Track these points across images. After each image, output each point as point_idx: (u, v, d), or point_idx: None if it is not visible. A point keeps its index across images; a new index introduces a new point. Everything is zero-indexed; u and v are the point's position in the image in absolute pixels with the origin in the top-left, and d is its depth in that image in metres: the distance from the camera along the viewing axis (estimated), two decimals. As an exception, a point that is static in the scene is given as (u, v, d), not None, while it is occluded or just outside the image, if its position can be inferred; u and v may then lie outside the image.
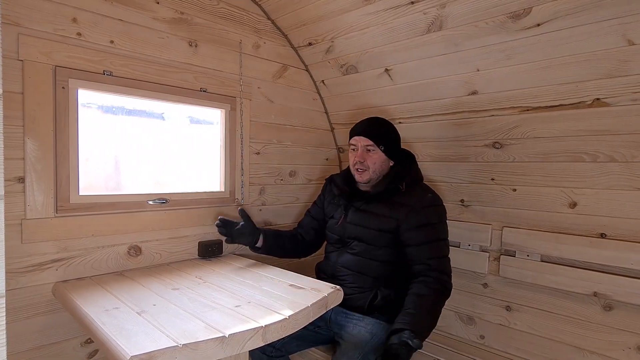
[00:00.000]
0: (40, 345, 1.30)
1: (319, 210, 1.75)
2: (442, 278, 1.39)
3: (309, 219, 1.77)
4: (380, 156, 1.49)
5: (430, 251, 1.41)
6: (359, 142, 1.51)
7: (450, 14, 1.45)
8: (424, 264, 1.40)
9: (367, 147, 1.49)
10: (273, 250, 1.69)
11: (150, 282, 1.35)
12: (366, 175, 1.51)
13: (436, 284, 1.37)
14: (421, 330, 1.28)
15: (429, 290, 1.36)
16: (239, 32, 1.81)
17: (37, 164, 1.27)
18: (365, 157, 1.49)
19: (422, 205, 1.43)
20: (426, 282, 1.38)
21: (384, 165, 1.52)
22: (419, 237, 1.41)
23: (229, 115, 1.79)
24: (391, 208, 1.46)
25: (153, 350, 0.83)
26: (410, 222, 1.42)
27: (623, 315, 1.40)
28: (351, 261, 1.52)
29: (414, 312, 1.31)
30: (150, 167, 1.64)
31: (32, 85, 1.25)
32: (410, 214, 1.42)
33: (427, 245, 1.41)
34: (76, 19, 1.34)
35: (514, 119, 1.56)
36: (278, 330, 1.02)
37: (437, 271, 1.39)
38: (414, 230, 1.42)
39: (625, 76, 1.25)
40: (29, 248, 1.27)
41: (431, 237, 1.42)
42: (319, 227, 1.74)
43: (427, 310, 1.33)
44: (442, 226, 1.47)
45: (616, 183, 1.39)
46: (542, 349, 1.59)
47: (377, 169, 1.50)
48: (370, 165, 1.49)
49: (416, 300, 1.34)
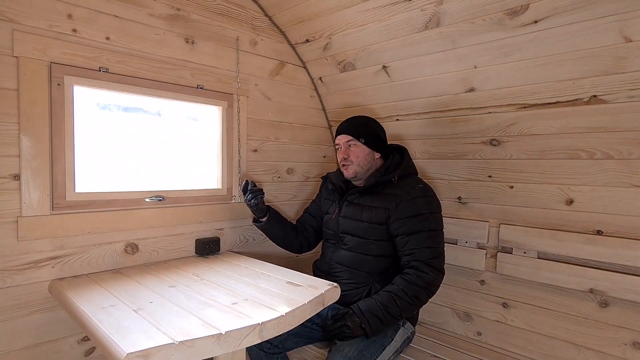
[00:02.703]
0: (37, 342, 1.30)
1: (317, 208, 1.78)
2: (423, 270, 1.37)
3: (307, 216, 1.80)
4: (362, 149, 1.52)
5: (417, 242, 1.40)
6: (341, 140, 1.56)
7: (447, 11, 1.44)
8: (409, 254, 1.41)
9: (348, 142, 1.53)
10: (274, 231, 1.72)
11: (147, 279, 1.34)
12: (352, 169, 1.53)
13: (413, 275, 1.37)
14: (374, 314, 1.32)
15: (403, 281, 1.37)
16: (236, 29, 1.80)
17: (33, 161, 1.26)
18: (348, 152, 1.53)
19: (411, 196, 1.43)
20: (406, 274, 1.39)
21: (369, 158, 1.53)
22: (407, 227, 1.41)
23: (226, 113, 1.79)
24: (382, 200, 1.47)
25: (149, 348, 0.83)
26: (399, 213, 1.43)
27: (619, 312, 1.41)
28: (345, 257, 1.53)
29: (374, 298, 1.36)
30: (147, 165, 1.64)
31: (28, 82, 1.24)
32: (399, 205, 1.43)
33: (414, 236, 1.41)
34: (71, 15, 1.33)
35: (511, 116, 1.56)
36: (275, 328, 1.02)
37: (420, 262, 1.38)
38: (402, 220, 1.42)
39: (622, 73, 1.25)
40: (25, 246, 1.27)
41: (419, 227, 1.41)
42: (316, 225, 1.77)
43: (390, 298, 1.34)
44: (432, 217, 1.45)
45: (613, 180, 1.39)
46: (538, 345, 1.60)
47: (362, 162, 1.52)
48: (354, 159, 1.52)
49: (387, 288, 1.38)
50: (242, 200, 1.85)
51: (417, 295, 1.36)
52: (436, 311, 1.89)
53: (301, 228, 1.78)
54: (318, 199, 1.79)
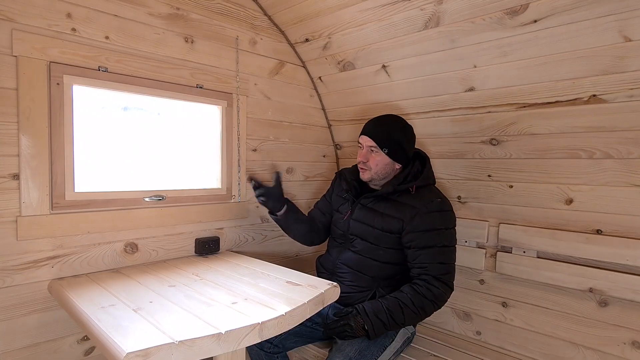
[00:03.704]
0: (36, 342, 1.30)
1: (327, 204, 1.73)
2: (433, 283, 1.36)
3: (317, 212, 1.75)
4: (383, 159, 1.46)
5: (430, 256, 1.38)
6: (364, 141, 1.49)
7: (447, 10, 1.44)
8: (420, 267, 1.39)
9: (371, 147, 1.47)
10: (289, 226, 1.65)
11: (146, 279, 1.34)
12: (367, 175, 1.49)
13: (423, 287, 1.36)
14: (379, 317, 1.31)
15: (412, 290, 1.36)
16: (236, 28, 1.80)
17: (32, 160, 1.26)
18: (368, 157, 1.47)
19: (428, 210, 1.40)
20: (416, 284, 1.37)
21: (388, 168, 1.48)
22: (420, 241, 1.39)
23: (225, 112, 1.79)
24: (397, 209, 1.44)
25: (149, 347, 0.83)
26: (414, 225, 1.40)
27: (618, 311, 1.41)
28: (352, 259, 1.52)
29: (380, 302, 1.35)
30: (147, 164, 1.64)
31: (27, 82, 1.24)
32: (415, 217, 1.40)
33: (427, 250, 1.38)
34: (70, 14, 1.32)
35: (510, 115, 1.56)
36: (275, 327, 1.02)
37: (431, 276, 1.37)
38: (416, 233, 1.39)
39: (621, 73, 1.25)
40: (25, 245, 1.26)
41: (433, 242, 1.39)
42: (326, 221, 1.72)
43: (397, 304, 1.33)
44: (447, 232, 1.42)
45: (612, 179, 1.39)
46: (538, 344, 1.60)
47: (380, 171, 1.48)
48: (373, 166, 1.47)
49: (395, 294, 1.37)
50: (241, 200, 1.86)
51: (423, 306, 1.35)
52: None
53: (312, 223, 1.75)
54: (329, 195, 1.74)
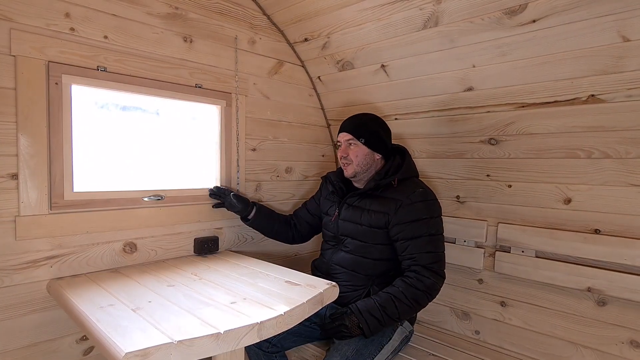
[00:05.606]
0: (35, 342, 1.30)
1: (316, 206, 1.77)
2: (423, 274, 1.37)
3: (304, 211, 1.81)
4: (362, 149, 1.50)
5: (417, 246, 1.39)
6: (342, 138, 1.55)
7: (446, 10, 1.44)
8: (409, 258, 1.40)
9: (349, 141, 1.52)
10: (262, 228, 1.78)
11: (145, 278, 1.34)
12: (351, 169, 1.52)
13: (414, 278, 1.37)
14: (372, 314, 1.32)
15: (403, 283, 1.37)
16: (235, 28, 1.79)
17: (31, 160, 1.26)
18: (347, 151, 1.52)
19: (411, 201, 1.42)
20: (407, 277, 1.38)
21: (368, 158, 1.51)
22: (407, 232, 1.40)
23: (224, 112, 1.78)
24: (382, 204, 1.46)
25: (148, 347, 0.83)
26: (399, 217, 1.41)
27: (616, 311, 1.41)
28: (345, 259, 1.53)
29: (372, 299, 1.36)
30: (146, 164, 1.64)
31: (25, 81, 1.24)
32: (399, 209, 1.42)
33: (414, 240, 1.40)
34: (69, 13, 1.32)
35: (509, 115, 1.56)
36: (273, 327, 1.02)
37: (421, 266, 1.38)
38: (402, 225, 1.41)
39: (620, 72, 1.26)
40: (23, 245, 1.26)
41: (419, 232, 1.40)
42: (312, 222, 1.78)
43: (389, 299, 1.34)
44: (432, 221, 1.43)
45: (610, 179, 1.39)
46: (536, 344, 1.60)
47: (361, 162, 1.51)
48: (353, 159, 1.51)
49: (387, 289, 1.38)
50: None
51: (416, 298, 1.35)
52: (434, 310, 1.89)
53: (295, 222, 1.80)
54: (318, 198, 1.78)
